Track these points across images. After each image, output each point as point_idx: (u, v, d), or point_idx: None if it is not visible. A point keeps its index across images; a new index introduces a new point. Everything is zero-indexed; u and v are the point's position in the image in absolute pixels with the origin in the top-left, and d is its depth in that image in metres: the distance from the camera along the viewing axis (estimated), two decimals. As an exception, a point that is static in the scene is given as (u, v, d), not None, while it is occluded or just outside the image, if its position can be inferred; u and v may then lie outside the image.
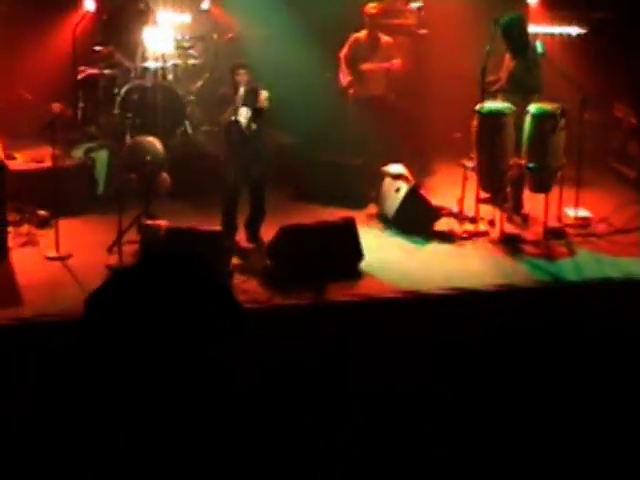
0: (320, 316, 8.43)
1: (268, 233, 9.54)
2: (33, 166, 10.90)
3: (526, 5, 12.36)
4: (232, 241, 9.67)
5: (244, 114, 9.66)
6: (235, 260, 9.29)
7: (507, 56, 10.54)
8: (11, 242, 9.56)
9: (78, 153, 11.42)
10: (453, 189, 10.65)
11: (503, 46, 10.48)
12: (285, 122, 12.10)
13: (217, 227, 9.33)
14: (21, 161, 11.09)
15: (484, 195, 10.44)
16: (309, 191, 11.22)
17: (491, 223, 10.29)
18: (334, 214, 10.17)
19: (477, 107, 10.13)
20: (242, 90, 9.66)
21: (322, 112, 12.13)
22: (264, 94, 9.76)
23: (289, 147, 12.04)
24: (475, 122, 10.20)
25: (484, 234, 10.13)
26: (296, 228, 9.33)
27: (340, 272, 9.11)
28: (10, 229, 9.69)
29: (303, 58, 12.28)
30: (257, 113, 9.68)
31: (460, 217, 10.37)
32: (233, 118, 9.66)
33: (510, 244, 9.93)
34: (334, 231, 9.42)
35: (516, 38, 10.38)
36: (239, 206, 9.89)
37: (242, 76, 9.72)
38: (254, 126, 9.72)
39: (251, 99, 9.72)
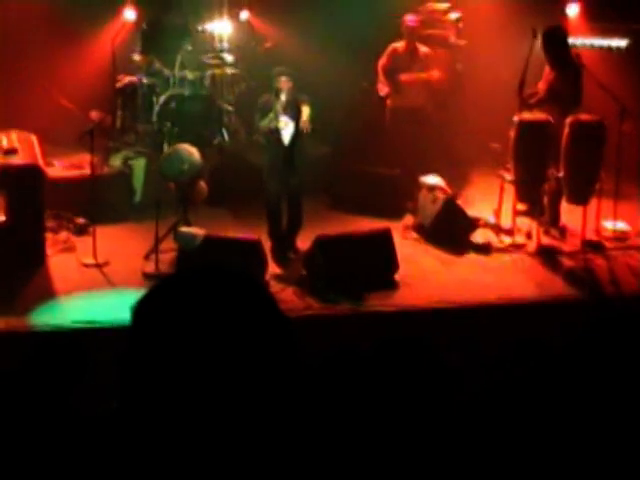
0: (355, 326, 8.41)
1: (304, 243, 9.55)
2: (72, 173, 10.98)
3: (566, 16, 12.31)
4: (277, 250, 9.71)
5: (284, 123, 9.67)
6: (271, 269, 9.28)
7: (547, 68, 10.49)
8: (49, 249, 9.62)
9: (116, 161, 11.50)
10: (490, 200, 10.62)
11: (542, 57, 10.43)
12: (322, 131, 12.10)
13: (253, 236, 9.33)
14: (60, 168, 11.17)
15: (521, 207, 10.39)
16: (345, 201, 11.22)
17: (528, 235, 10.24)
18: (370, 224, 10.17)
19: (515, 118, 10.09)
20: (283, 98, 9.65)
21: (359, 122, 12.14)
22: (306, 111, 9.70)
23: (326, 157, 12.05)
24: (513, 133, 10.16)
25: (521, 246, 10.07)
26: (332, 238, 9.33)
27: (376, 282, 9.10)
28: (48, 236, 9.76)
29: (341, 68, 12.29)
30: (297, 131, 9.67)
31: (497, 229, 10.33)
32: (273, 126, 9.67)
33: (547, 256, 9.87)
34: (370, 241, 9.41)
35: (556, 49, 10.32)
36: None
37: (284, 83, 9.70)
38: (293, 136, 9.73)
39: (292, 109, 9.71)
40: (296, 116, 9.70)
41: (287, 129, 9.70)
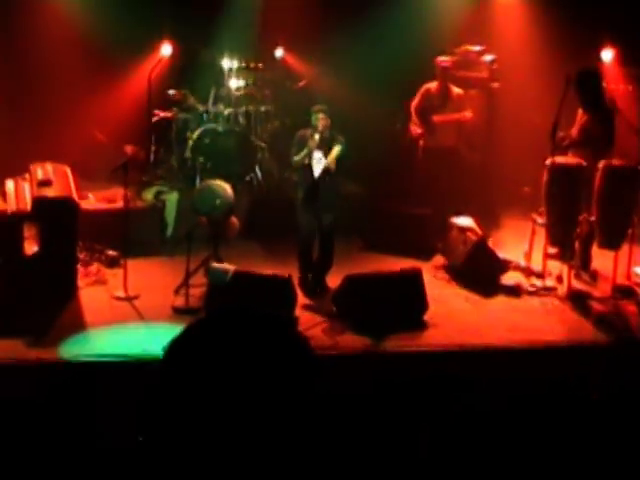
0: (384, 365, 8.39)
1: (334, 281, 9.54)
2: (105, 206, 11.06)
3: (601, 61, 12.32)
4: (306, 285, 9.74)
5: (317, 159, 9.71)
6: (300, 306, 9.28)
7: (580, 111, 10.48)
8: (80, 281, 9.67)
9: (149, 195, 11.57)
10: (521, 243, 10.60)
11: (575, 101, 10.42)
12: (354, 170, 12.16)
13: (283, 273, 9.34)
14: (93, 201, 11.25)
15: (552, 250, 10.36)
16: (376, 240, 11.23)
17: (559, 279, 10.20)
18: (401, 264, 10.16)
19: (548, 162, 10.08)
20: (318, 135, 9.69)
21: (392, 162, 12.17)
22: (335, 150, 9.73)
23: (357, 195, 12.08)
24: (545, 176, 10.15)
25: (551, 289, 10.02)
26: (362, 277, 9.33)
27: (405, 322, 9.07)
28: (80, 268, 9.82)
29: (374, 107, 12.35)
30: (325, 170, 9.72)
31: (527, 271, 10.29)
32: (306, 161, 9.72)
33: (578, 301, 9.81)
34: (400, 281, 9.40)
35: (590, 93, 10.31)
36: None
37: (321, 120, 9.75)
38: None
39: (326, 147, 9.75)
40: (327, 152, 9.75)
41: (319, 165, 9.74)
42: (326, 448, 2.05)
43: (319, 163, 9.73)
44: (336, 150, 9.73)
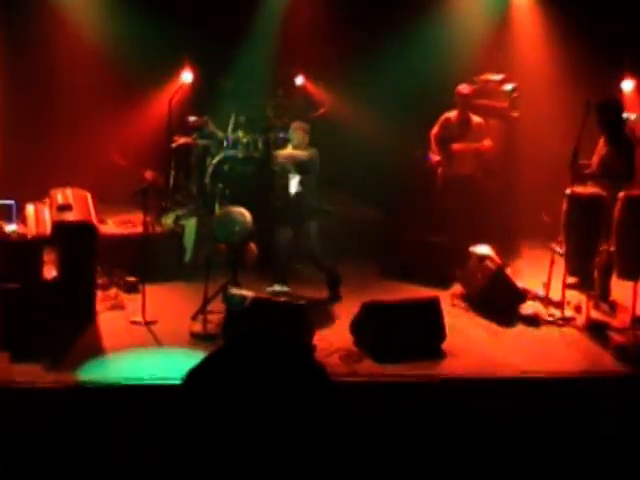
0: (400, 394, 8.37)
1: (351, 308, 9.52)
2: (124, 231, 11.09)
3: (621, 91, 12.31)
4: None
5: (292, 176, 9.97)
6: (319, 333, 9.26)
7: (600, 141, 10.47)
8: (99, 305, 9.69)
9: (168, 220, 11.59)
10: (540, 272, 10.56)
11: (595, 131, 10.42)
12: (372, 198, 12.19)
13: (301, 300, 9.34)
14: (112, 226, 11.29)
15: (571, 280, 10.32)
16: (394, 268, 11.21)
17: (577, 309, 10.16)
18: (419, 292, 10.16)
19: (567, 191, 10.06)
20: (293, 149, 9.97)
21: (410, 189, 12.17)
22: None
23: (375, 223, 12.07)
24: (565, 206, 10.13)
25: (570, 319, 9.98)
26: (379, 305, 9.32)
27: (422, 351, 9.05)
28: (98, 292, 9.84)
29: (393, 135, 12.37)
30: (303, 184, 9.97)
31: (546, 301, 10.26)
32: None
33: (596, 331, 9.76)
34: (418, 309, 9.38)
35: (610, 122, 10.30)
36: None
37: (297, 135, 10.05)
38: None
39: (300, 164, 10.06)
40: (302, 169, 9.87)
41: (294, 182, 9.87)
42: (344, 473, 2.05)
43: (293, 179, 9.83)
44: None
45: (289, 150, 9.90)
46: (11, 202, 10.31)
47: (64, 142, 12.45)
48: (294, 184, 9.90)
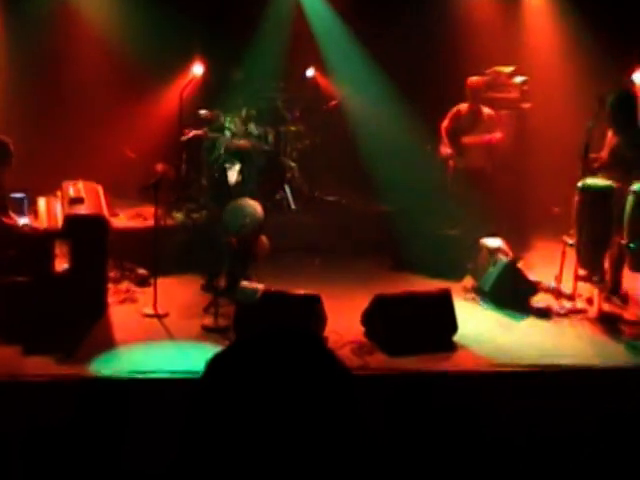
0: (411, 387, 8.37)
1: (363, 301, 9.51)
2: (135, 224, 11.12)
3: (632, 82, 12.27)
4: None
5: (229, 165, 9.98)
6: (330, 325, 9.25)
7: (609, 134, 10.43)
8: (110, 299, 9.71)
9: (179, 213, 11.61)
10: (551, 265, 10.55)
11: (607, 123, 10.37)
12: (384, 190, 12.18)
13: (313, 292, 9.33)
14: (124, 219, 11.32)
15: (582, 272, 10.30)
16: (406, 260, 11.21)
17: (589, 301, 10.14)
18: (430, 284, 10.15)
19: (579, 183, 10.04)
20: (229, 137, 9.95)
21: (421, 182, 12.16)
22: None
23: (387, 216, 12.07)
24: (577, 198, 10.10)
25: (582, 312, 9.97)
26: (391, 297, 9.31)
27: (433, 343, 9.05)
28: (110, 285, 9.85)
29: (404, 128, 12.36)
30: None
31: (558, 293, 10.24)
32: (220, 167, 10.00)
33: (608, 323, 9.75)
34: (429, 302, 9.37)
35: (622, 115, 10.26)
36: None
37: (234, 124, 10.10)
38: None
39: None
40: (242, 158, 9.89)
41: (232, 171, 9.86)
42: (363, 464, 2.05)
43: (231, 170, 9.82)
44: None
45: (228, 139, 9.82)
46: (23, 195, 10.33)
47: (76, 135, 12.48)
48: (233, 173, 9.87)
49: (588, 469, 6.91)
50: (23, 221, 9.73)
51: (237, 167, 9.81)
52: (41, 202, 10.03)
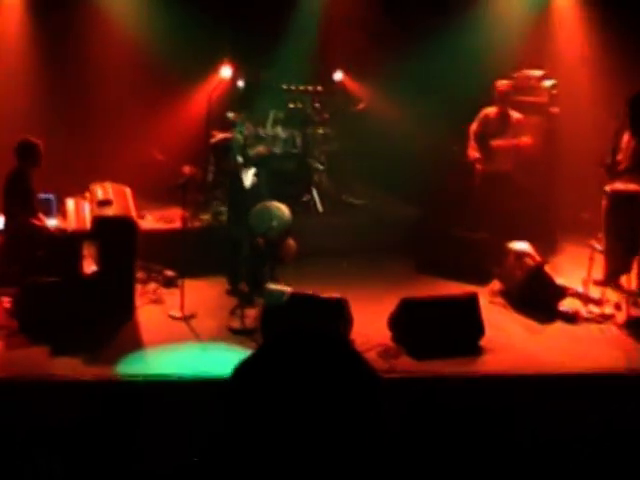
0: (438, 391, 8.35)
1: (389, 304, 9.50)
2: (163, 226, 11.15)
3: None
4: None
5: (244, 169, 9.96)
6: (356, 328, 9.25)
7: (625, 137, 10.30)
8: (138, 300, 9.74)
9: (206, 215, 11.64)
10: (579, 269, 10.50)
11: (627, 126, 10.26)
12: (411, 194, 12.17)
13: (339, 295, 9.32)
14: (152, 221, 11.35)
15: (598, 277, 10.27)
16: (432, 264, 11.19)
17: (617, 306, 10.09)
18: (457, 288, 10.13)
19: (607, 188, 9.99)
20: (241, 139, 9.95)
21: (448, 185, 12.14)
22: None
23: (414, 219, 12.06)
24: (605, 203, 10.06)
25: (610, 317, 9.92)
26: (418, 301, 9.30)
27: (460, 347, 9.03)
28: (137, 287, 9.89)
29: (432, 131, 12.34)
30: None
31: (585, 298, 10.19)
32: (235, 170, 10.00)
33: (636, 329, 9.70)
34: (456, 306, 9.35)
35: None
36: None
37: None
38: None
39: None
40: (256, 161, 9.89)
41: (247, 175, 9.85)
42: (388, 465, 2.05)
43: (247, 173, 9.82)
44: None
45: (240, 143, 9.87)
46: (51, 196, 10.39)
47: (104, 137, 12.54)
48: (249, 176, 9.89)
49: (615, 475, 6.87)
50: (52, 222, 9.79)
51: (252, 170, 9.83)
52: (69, 203, 10.08)
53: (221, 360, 8.26)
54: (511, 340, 9.41)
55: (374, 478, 2.08)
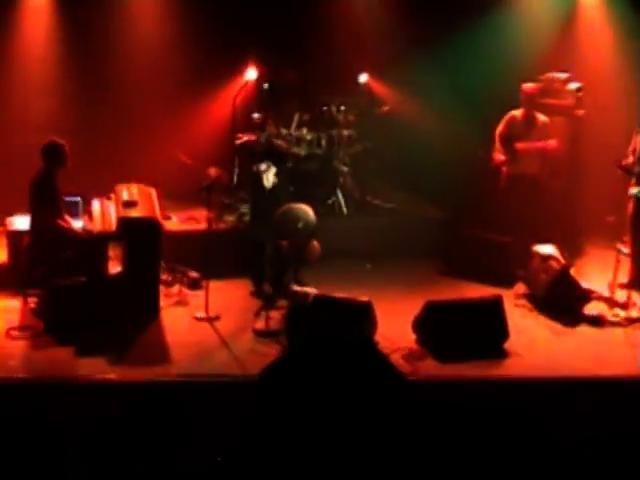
0: (462, 394, 8.33)
1: (413, 307, 9.48)
2: (188, 227, 11.18)
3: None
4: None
5: (264, 169, 9.91)
6: (381, 330, 9.23)
7: (636, 138, 10.22)
8: (162, 301, 9.77)
9: (231, 217, 11.66)
10: (604, 273, 10.46)
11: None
12: (436, 196, 12.15)
13: (364, 296, 9.30)
14: (177, 222, 11.38)
15: (622, 280, 10.24)
16: (457, 266, 11.17)
17: (643, 310, 10.05)
18: (482, 291, 10.11)
19: (633, 191, 9.95)
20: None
21: (474, 188, 12.11)
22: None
23: (439, 221, 12.04)
24: (630, 206, 10.02)
25: (635, 320, 9.87)
26: (442, 304, 9.29)
27: (484, 350, 9.01)
28: (162, 288, 9.91)
29: (458, 134, 12.32)
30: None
31: (611, 302, 10.15)
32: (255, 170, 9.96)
33: (662, 332, 9.67)
34: (481, 308, 9.33)
35: None
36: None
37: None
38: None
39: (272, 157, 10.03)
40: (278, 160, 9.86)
41: (268, 176, 9.82)
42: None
43: (267, 173, 9.79)
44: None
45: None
46: (77, 198, 10.43)
47: (130, 139, 12.57)
48: (270, 176, 9.87)
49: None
50: (77, 223, 9.83)
51: (273, 170, 9.83)
52: (95, 205, 10.12)
53: (246, 362, 8.25)
54: (535, 343, 9.38)
55: (398, 478, 2.09)
